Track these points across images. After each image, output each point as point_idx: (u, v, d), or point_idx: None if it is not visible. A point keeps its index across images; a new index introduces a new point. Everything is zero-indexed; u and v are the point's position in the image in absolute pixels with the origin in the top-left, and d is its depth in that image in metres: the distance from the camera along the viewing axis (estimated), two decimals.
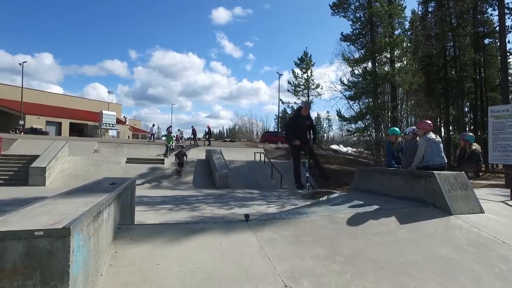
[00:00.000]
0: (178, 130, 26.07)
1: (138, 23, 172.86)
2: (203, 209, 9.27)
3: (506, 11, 20.63)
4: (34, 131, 34.12)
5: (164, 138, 17.26)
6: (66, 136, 34.78)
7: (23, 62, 38.80)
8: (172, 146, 18.43)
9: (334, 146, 40.03)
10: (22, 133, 32.15)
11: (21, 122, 36.22)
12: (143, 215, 7.45)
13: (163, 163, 17.95)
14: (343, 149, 36.62)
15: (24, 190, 11.95)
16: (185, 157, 16.82)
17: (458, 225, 4.36)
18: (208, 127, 25.55)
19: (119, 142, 25.21)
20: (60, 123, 42.95)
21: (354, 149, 32.12)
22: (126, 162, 17.35)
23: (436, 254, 3.72)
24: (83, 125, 46.19)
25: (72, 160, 16.65)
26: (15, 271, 1.96)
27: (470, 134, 7.64)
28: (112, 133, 45.03)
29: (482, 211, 4.83)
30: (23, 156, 15.93)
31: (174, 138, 22.83)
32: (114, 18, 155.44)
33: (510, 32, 24.91)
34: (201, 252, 3.45)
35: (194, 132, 24.75)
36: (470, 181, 17.25)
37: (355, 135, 22.21)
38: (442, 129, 31.23)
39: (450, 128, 30.88)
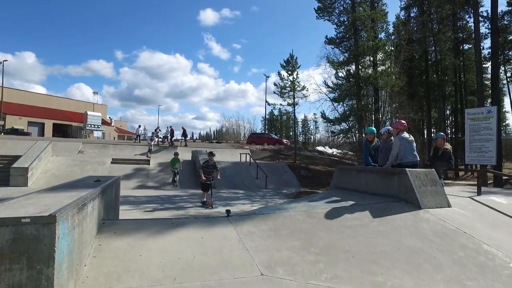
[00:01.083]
0: (156, 129, 25.39)
1: (124, 23, 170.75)
2: (187, 208, 9.39)
3: (480, 19, 21.50)
4: (15, 131, 33.30)
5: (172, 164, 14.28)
6: (50, 137, 34.10)
7: (3, 61, 37.76)
8: (180, 169, 14.84)
9: (320, 148, 40.60)
10: (2, 133, 31.38)
11: (1, 123, 35.34)
12: (127, 214, 7.53)
13: (149, 164, 17.93)
14: (328, 150, 37.20)
15: (4, 191, 11.78)
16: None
17: (426, 218, 4.66)
18: (183, 128, 25.43)
19: (104, 143, 24.95)
20: (43, 123, 42.08)
21: (340, 151, 32.68)
22: (111, 162, 17.26)
23: (404, 245, 3.99)
24: (67, 126, 45.39)
25: (55, 160, 16.46)
26: (2, 256, 2.09)
27: (441, 133, 8.07)
28: (97, 134, 44.40)
29: (449, 205, 5.15)
30: (4, 157, 15.64)
31: (154, 141, 22.09)
32: (100, 18, 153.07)
33: (487, 38, 25.92)
34: (183, 244, 3.62)
35: (172, 133, 24.58)
36: (450, 181, 17.87)
37: (339, 136, 22.68)
38: (425, 131, 32.11)
39: (433, 130, 31.77)
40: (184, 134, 25.05)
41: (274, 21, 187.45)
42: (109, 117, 57.15)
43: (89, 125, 42.75)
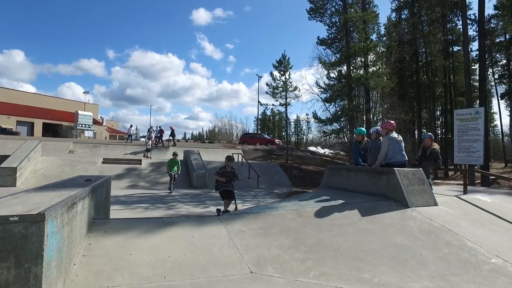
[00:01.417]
0: (149, 129, 25.18)
1: (117, 22, 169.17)
2: (179, 207, 9.39)
3: (468, 21, 21.90)
4: (3, 131, 32.73)
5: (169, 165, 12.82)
6: (39, 136, 33.63)
7: None
8: (178, 172, 13.40)
9: (312, 148, 40.82)
10: None
11: None
12: (118, 214, 7.51)
13: (140, 164, 17.81)
14: (320, 150, 37.43)
15: None
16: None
17: (413, 216, 4.75)
18: (172, 128, 25.31)
19: (95, 142, 24.69)
20: (33, 123, 41.42)
21: (331, 151, 32.92)
22: (103, 162, 17.09)
23: (391, 242, 4.07)
24: (58, 126, 44.76)
25: (45, 160, 16.24)
26: None
27: (429, 133, 8.23)
28: (88, 134, 43.88)
29: (436, 204, 5.26)
30: None
31: (152, 139, 22.05)
32: (91, 16, 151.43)
33: (475, 40, 26.40)
34: (173, 243, 3.64)
35: (161, 133, 24.48)
36: (439, 180, 18.19)
37: (330, 136, 22.87)
38: (416, 132, 32.54)
39: (423, 130, 32.21)
40: (173, 134, 24.89)
41: (267, 21, 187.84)
42: (101, 117, 56.52)
43: (80, 125, 42.24)
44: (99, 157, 18.26)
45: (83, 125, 42.61)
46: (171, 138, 24.97)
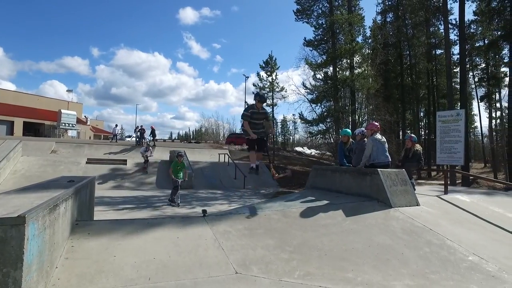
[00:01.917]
0: (135, 129, 24.75)
1: (101, 19, 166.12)
2: (164, 208, 9.31)
3: (449, 26, 22.52)
4: None
5: (174, 168, 9.99)
6: (20, 136, 32.68)
7: None
8: (184, 179, 10.64)
9: (299, 148, 41.09)
10: None
11: None
12: (102, 215, 7.37)
13: (126, 164, 17.56)
14: (307, 151, 37.74)
15: None
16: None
17: (396, 216, 4.87)
18: (152, 128, 25.03)
19: (79, 142, 24.20)
20: (12, 122, 40.11)
21: (318, 151, 33.22)
22: (87, 162, 16.76)
23: (374, 242, 4.16)
24: (39, 125, 43.53)
25: (26, 160, 15.81)
26: None
27: (413, 135, 8.43)
28: (71, 133, 42.87)
29: (418, 204, 5.40)
30: None
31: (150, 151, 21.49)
32: (75, 13, 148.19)
33: (456, 44, 27.11)
34: (158, 244, 3.62)
35: (142, 132, 24.19)
36: (423, 181, 18.58)
37: (317, 137, 23.10)
38: (401, 133, 33.19)
39: (407, 131, 32.87)
40: (153, 133, 24.55)
41: (254, 21, 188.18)
42: (85, 116, 55.34)
43: (63, 124, 41.23)
44: (83, 157, 17.91)
45: (67, 125, 41.62)
46: (151, 137, 24.55)
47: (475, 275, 3.48)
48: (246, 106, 5.58)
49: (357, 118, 21.32)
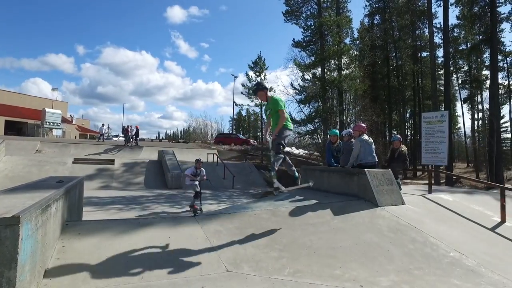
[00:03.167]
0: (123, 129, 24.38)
1: (87, 16, 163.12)
2: (154, 208, 9.29)
3: (434, 30, 23.13)
4: None
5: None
6: (1, 135, 31.85)
7: None
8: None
9: (287, 148, 41.26)
10: None
11: None
12: (91, 215, 7.31)
13: (113, 164, 17.35)
14: (295, 151, 37.94)
15: None
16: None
17: (382, 215, 5.02)
18: (137, 128, 24.80)
19: (65, 142, 23.77)
20: None
21: (306, 151, 33.50)
22: (73, 162, 16.49)
23: (361, 240, 4.29)
24: (23, 124, 42.46)
25: (9, 160, 15.44)
26: None
27: (398, 136, 8.65)
28: (56, 132, 41.96)
29: (403, 203, 5.57)
30: None
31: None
32: (59, 9, 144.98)
33: (441, 47, 27.82)
34: (150, 244, 3.65)
35: (126, 131, 23.94)
36: (409, 180, 18.93)
37: (305, 137, 23.34)
38: (387, 133, 33.79)
39: (394, 132, 33.49)
40: (137, 133, 24.27)
41: (243, 21, 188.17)
42: (70, 115, 54.30)
43: (48, 123, 40.31)
44: (69, 157, 17.62)
45: (51, 124, 40.70)
46: (134, 137, 24.24)
47: (455, 270, 3.65)
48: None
49: (344, 118, 21.63)
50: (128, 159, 18.69)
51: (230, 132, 45.02)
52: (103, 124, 29.54)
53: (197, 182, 8.37)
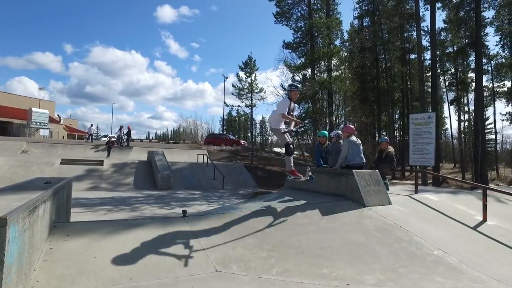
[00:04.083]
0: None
1: (75, 14, 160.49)
2: (143, 209, 9.23)
3: (422, 33, 23.56)
4: None
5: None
6: None
7: None
8: None
9: (277, 149, 41.41)
10: None
11: None
12: (79, 217, 7.23)
13: (102, 164, 17.13)
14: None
15: None
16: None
17: (369, 215, 5.12)
18: (129, 128, 24.60)
19: (52, 142, 23.37)
20: None
21: (296, 152, 33.66)
22: (61, 163, 16.21)
23: (348, 239, 4.37)
24: (7, 123, 41.47)
25: None
26: None
27: (385, 137, 8.80)
28: (43, 132, 41.15)
29: (390, 203, 5.69)
30: None
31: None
32: (46, 6, 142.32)
33: (428, 50, 28.30)
34: (139, 244, 3.65)
35: (119, 131, 23.78)
36: (397, 181, 19.19)
37: (294, 138, 23.38)
38: (376, 134, 34.21)
39: (383, 133, 33.94)
40: (128, 134, 24.05)
41: (233, 22, 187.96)
42: (58, 115, 53.34)
43: (34, 123, 39.53)
44: (56, 157, 17.34)
45: (38, 123, 39.92)
46: (125, 137, 24.02)
47: (438, 267, 3.76)
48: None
49: (334, 119, 21.84)
50: (117, 159, 18.50)
51: (221, 132, 44.92)
52: (91, 124, 29.13)
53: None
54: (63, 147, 20.62)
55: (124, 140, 23.47)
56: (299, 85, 5.14)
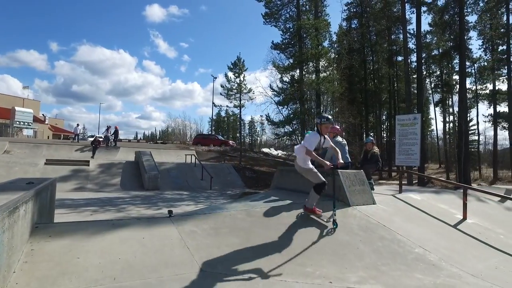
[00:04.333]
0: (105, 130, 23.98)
1: (62, 12, 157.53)
2: (130, 210, 9.14)
3: (408, 35, 24.03)
4: None
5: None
6: None
7: None
8: None
9: (265, 149, 41.57)
10: None
11: None
12: (64, 218, 7.12)
13: (88, 165, 16.89)
14: (274, 152, 38.29)
15: None
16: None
17: (354, 214, 5.20)
18: (116, 128, 24.36)
19: (36, 142, 22.87)
20: None
21: (284, 152, 33.83)
22: (45, 163, 15.91)
23: (333, 238, 4.44)
24: None
25: None
26: None
27: (371, 138, 8.96)
28: (27, 132, 40.20)
29: (374, 203, 5.78)
30: None
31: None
32: (30, 2, 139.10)
33: (414, 52, 28.85)
34: (123, 245, 3.64)
35: (107, 131, 23.53)
36: (384, 181, 19.45)
37: (283, 138, 23.61)
38: (364, 135, 34.65)
39: (370, 133, 34.40)
40: (116, 134, 23.78)
41: (222, 22, 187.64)
42: (43, 114, 52.22)
43: (17, 122, 38.59)
44: (41, 158, 17.00)
45: (21, 123, 38.98)
46: (113, 137, 23.74)
47: (419, 264, 3.87)
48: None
49: None
50: (104, 160, 18.25)
51: (209, 133, 44.79)
52: (78, 124, 28.68)
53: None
54: (48, 147, 20.22)
55: (112, 140, 23.18)
56: (330, 117, 4.46)
